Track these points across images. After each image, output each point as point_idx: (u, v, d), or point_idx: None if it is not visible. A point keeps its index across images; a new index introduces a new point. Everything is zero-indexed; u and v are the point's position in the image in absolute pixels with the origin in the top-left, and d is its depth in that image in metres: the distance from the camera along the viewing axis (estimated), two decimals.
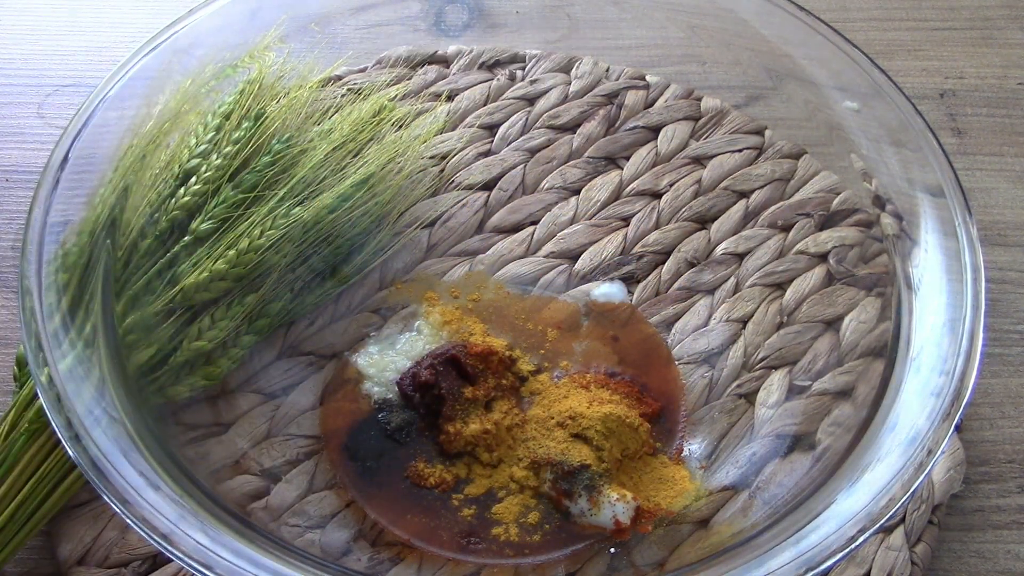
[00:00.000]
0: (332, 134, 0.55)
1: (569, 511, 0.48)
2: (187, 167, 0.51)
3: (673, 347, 0.55)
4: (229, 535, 0.38)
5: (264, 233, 0.50)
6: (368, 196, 0.55)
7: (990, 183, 0.64)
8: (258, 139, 0.52)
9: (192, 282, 0.49)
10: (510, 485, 0.49)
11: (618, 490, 0.48)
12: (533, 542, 0.48)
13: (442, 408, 0.50)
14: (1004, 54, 0.71)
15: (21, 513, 0.46)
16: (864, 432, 0.42)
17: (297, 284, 0.54)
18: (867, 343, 0.49)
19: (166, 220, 0.50)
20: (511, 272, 0.58)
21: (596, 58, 0.65)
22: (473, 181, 0.60)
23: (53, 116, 0.66)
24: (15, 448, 0.47)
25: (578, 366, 0.54)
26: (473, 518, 0.48)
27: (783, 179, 0.59)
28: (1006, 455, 0.53)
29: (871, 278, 0.51)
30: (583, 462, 0.48)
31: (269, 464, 0.49)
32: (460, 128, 0.61)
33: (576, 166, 0.61)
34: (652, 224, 0.59)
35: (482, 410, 0.51)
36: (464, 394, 0.51)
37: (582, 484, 0.48)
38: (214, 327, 0.49)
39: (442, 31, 0.64)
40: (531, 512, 0.49)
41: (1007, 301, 0.59)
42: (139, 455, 0.39)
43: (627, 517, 0.47)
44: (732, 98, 0.62)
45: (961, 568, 0.50)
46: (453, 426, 0.50)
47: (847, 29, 0.52)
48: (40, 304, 0.42)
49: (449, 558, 0.47)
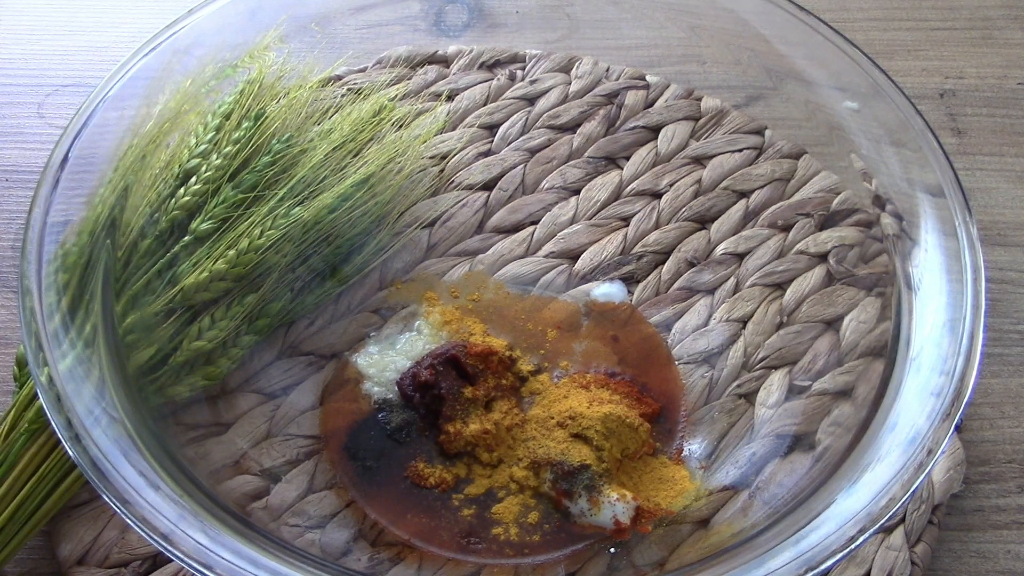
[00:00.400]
0: (332, 134, 0.55)
1: (569, 511, 0.48)
2: (187, 167, 0.51)
3: (673, 347, 0.55)
4: (229, 535, 0.38)
5: (264, 233, 0.50)
6: (368, 196, 0.55)
7: (990, 183, 0.64)
8: (258, 139, 0.52)
9: (192, 282, 0.49)
10: (510, 485, 0.49)
11: (618, 490, 0.48)
12: (533, 542, 0.48)
13: (442, 408, 0.50)
14: (1004, 54, 0.71)
15: (21, 513, 0.46)
16: (864, 432, 0.42)
17: (297, 284, 0.54)
18: (867, 343, 0.49)
19: (166, 220, 0.50)
20: (511, 272, 0.58)
21: (596, 58, 0.65)
22: (473, 181, 0.60)
23: (53, 116, 0.66)
24: (15, 448, 0.47)
25: (578, 366, 0.54)
26: (473, 518, 0.48)
27: (783, 179, 0.59)
28: (1006, 455, 0.53)
29: (871, 278, 0.51)
30: (583, 462, 0.48)
31: (269, 464, 0.49)
32: (460, 128, 0.61)
33: (576, 166, 0.61)
34: (652, 224, 0.59)
35: (482, 410, 0.51)
36: (464, 394, 0.51)
37: (582, 484, 0.48)
38: (214, 327, 0.49)
39: (442, 31, 0.64)
40: (531, 512, 0.49)
41: (1007, 301, 0.59)
42: (139, 455, 0.39)
43: (627, 517, 0.47)
44: (732, 98, 0.62)
45: (961, 568, 0.50)
46: (453, 426, 0.50)
47: (847, 29, 0.52)
48: (40, 304, 0.42)
49: (449, 558, 0.47)
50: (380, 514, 0.49)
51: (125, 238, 0.47)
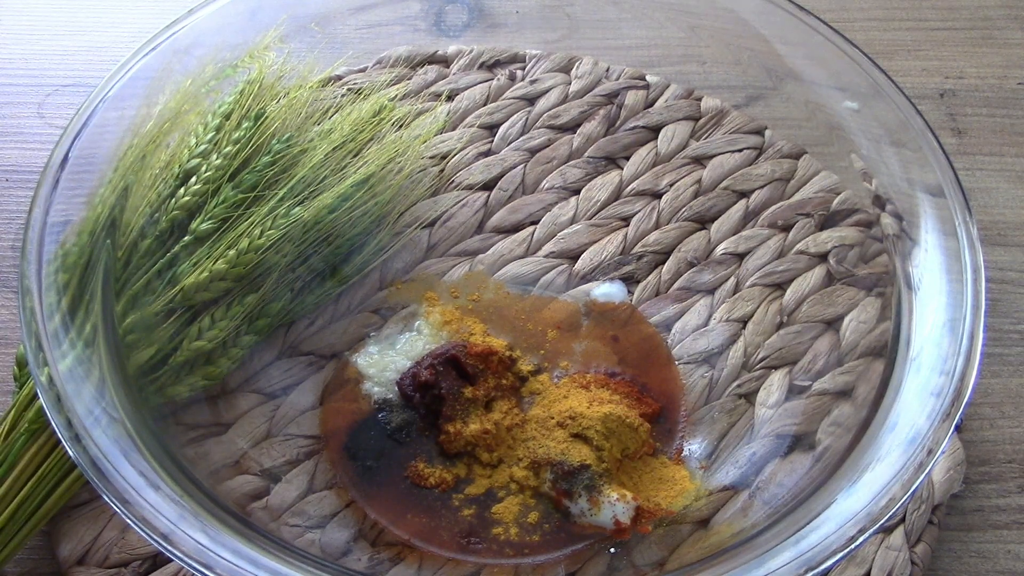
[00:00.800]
0: (332, 134, 0.55)
1: (569, 511, 0.48)
2: (187, 167, 0.51)
3: (673, 347, 0.55)
4: (229, 535, 0.38)
5: (264, 233, 0.50)
6: (368, 196, 0.55)
7: (990, 183, 0.64)
8: (258, 139, 0.52)
9: (192, 282, 0.49)
10: (510, 485, 0.49)
11: (618, 490, 0.48)
12: (533, 542, 0.48)
13: (442, 408, 0.50)
14: (1004, 54, 0.71)
15: (21, 513, 0.46)
16: (864, 432, 0.42)
17: (297, 284, 0.54)
18: (867, 343, 0.49)
19: (166, 220, 0.50)
20: (511, 272, 0.58)
21: (596, 58, 0.65)
22: (473, 181, 0.60)
23: (53, 116, 0.66)
24: (15, 448, 0.47)
25: (578, 366, 0.54)
26: (473, 518, 0.48)
27: (783, 179, 0.59)
28: (1006, 455, 0.53)
29: (871, 278, 0.51)
30: (583, 462, 0.48)
31: (269, 464, 0.49)
32: (460, 128, 0.61)
33: (576, 166, 0.61)
34: (652, 224, 0.59)
35: (482, 410, 0.51)
36: (464, 394, 0.51)
37: (582, 484, 0.48)
38: (214, 327, 0.49)
39: (442, 31, 0.64)
40: (531, 512, 0.49)
41: (1007, 301, 0.59)
42: (139, 455, 0.39)
43: (627, 517, 0.47)
44: (732, 98, 0.62)
45: (961, 568, 0.50)
46: (453, 426, 0.50)
47: (847, 29, 0.52)
48: (40, 304, 0.42)
49: (449, 558, 0.47)
50: (380, 514, 0.49)
51: (125, 238, 0.47)
